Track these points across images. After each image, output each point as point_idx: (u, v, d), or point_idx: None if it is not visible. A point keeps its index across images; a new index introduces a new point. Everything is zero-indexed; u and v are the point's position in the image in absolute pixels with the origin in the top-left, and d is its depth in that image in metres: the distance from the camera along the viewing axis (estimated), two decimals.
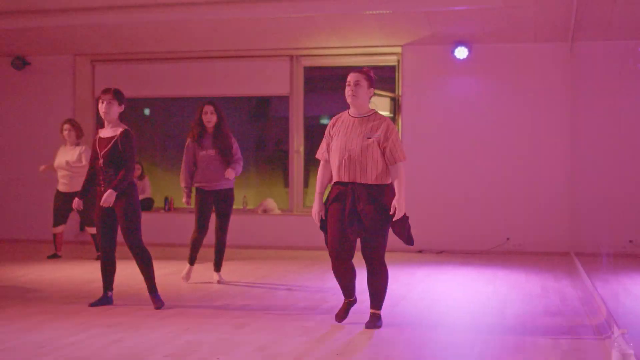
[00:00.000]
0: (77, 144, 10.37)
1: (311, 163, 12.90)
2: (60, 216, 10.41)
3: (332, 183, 5.89)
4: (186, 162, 8.09)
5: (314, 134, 12.98)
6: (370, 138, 5.79)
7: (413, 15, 10.63)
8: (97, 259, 10.29)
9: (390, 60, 12.30)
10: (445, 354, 5.19)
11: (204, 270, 8.91)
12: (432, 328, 6.02)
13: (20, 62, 12.90)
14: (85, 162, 10.09)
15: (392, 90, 12.23)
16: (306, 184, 12.64)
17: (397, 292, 7.68)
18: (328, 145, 5.99)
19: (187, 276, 8.33)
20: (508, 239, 11.38)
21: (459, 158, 11.55)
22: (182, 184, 8.11)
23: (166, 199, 12.96)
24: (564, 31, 10.81)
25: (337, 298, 7.29)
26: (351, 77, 5.91)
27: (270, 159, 13.29)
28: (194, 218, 8.15)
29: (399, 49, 11.91)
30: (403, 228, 5.87)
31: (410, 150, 11.69)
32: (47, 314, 6.50)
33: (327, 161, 6.00)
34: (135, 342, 5.42)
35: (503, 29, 10.96)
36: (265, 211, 12.28)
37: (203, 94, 12.51)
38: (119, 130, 6.76)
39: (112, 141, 6.71)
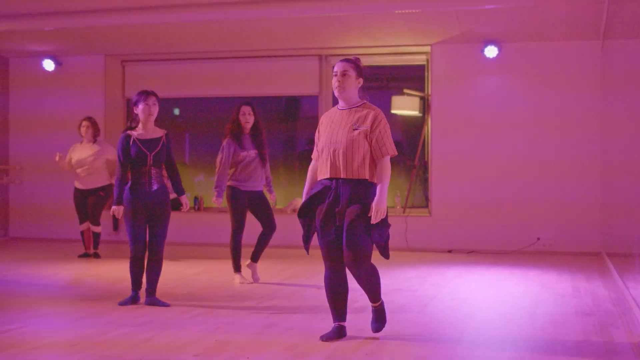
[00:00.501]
0: (94, 142, 10.50)
1: None
2: (82, 213, 10.54)
3: (318, 180, 5.44)
4: (225, 162, 8.06)
5: None
6: (356, 130, 5.29)
7: (442, 14, 10.59)
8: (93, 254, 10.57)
9: (420, 60, 12.27)
10: (476, 354, 5.16)
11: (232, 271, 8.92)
12: (462, 328, 5.98)
13: (53, 63, 13.03)
14: (101, 160, 10.23)
15: (421, 89, 12.20)
16: None
17: (427, 292, 7.66)
18: (317, 143, 5.54)
19: (244, 279, 8.27)
20: (538, 238, 11.30)
21: (489, 157, 11.49)
22: (218, 183, 8.07)
23: (196, 198, 13.01)
24: (595, 29, 10.71)
25: (367, 298, 7.28)
26: (338, 67, 5.43)
27: (299, 158, 13.30)
28: (230, 218, 8.13)
29: (428, 48, 11.88)
30: (381, 236, 5.29)
31: (439, 150, 11.68)
32: (79, 313, 6.55)
33: (316, 160, 5.53)
34: (165, 340, 5.44)
35: (533, 27, 10.89)
36: (294, 210, 12.29)
37: (232, 94, 12.56)
38: (162, 131, 6.96)
39: (161, 142, 6.90)
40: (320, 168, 5.41)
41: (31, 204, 13.19)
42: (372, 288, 5.58)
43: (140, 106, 6.87)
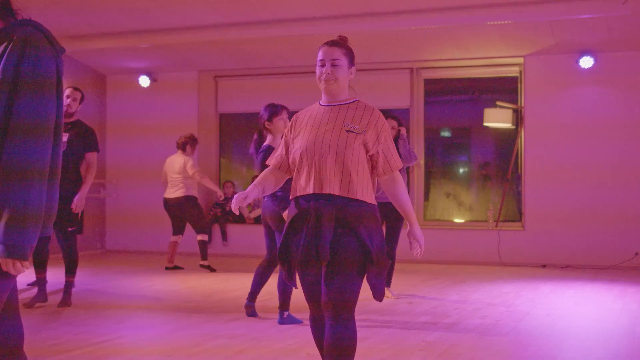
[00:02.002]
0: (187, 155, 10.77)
1: (431, 175, 12.82)
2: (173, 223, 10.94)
3: (292, 197, 4.02)
4: None
5: (435, 146, 12.90)
6: (351, 132, 3.93)
7: (536, 25, 10.43)
8: (201, 266, 10.75)
9: (512, 71, 12.11)
10: None
11: None
12: (558, 345, 5.86)
13: (148, 79, 13.33)
14: (190, 172, 10.56)
15: (515, 101, 12.03)
16: (427, 196, 12.55)
17: (521, 308, 7.53)
18: (287, 148, 4.12)
19: (393, 295, 8.31)
20: (637, 253, 10.98)
21: (584, 169, 11.23)
22: None
23: None
24: None
25: (459, 313, 7.21)
26: (326, 54, 4.04)
27: None
28: None
29: (521, 60, 11.72)
30: (379, 278, 3.88)
31: (533, 163, 11.48)
32: (174, 323, 6.65)
33: (278, 168, 4.12)
34: (257, 354, 5.48)
35: (630, 37, 10.63)
36: None
37: None
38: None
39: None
40: (297, 182, 3.97)
41: (127, 216, 13.49)
42: (346, 356, 3.85)
43: (280, 118, 6.80)
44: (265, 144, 6.80)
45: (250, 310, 6.98)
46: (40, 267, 7.56)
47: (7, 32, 2.84)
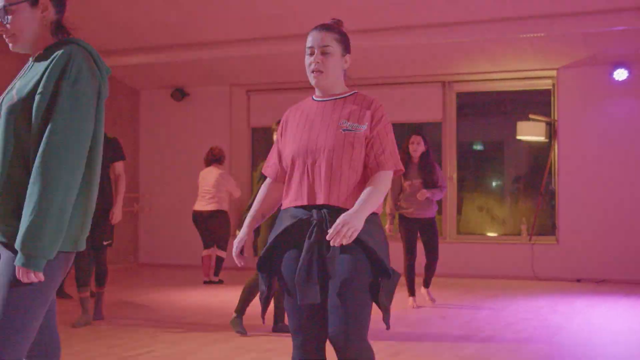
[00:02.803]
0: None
1: (464, 189, 12.75)
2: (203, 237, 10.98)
3: (284, 208, 3.45)
4: (392, 190, 8.31)
5: (467, 160, 12.83)
6: (348, 130, 3.34)
7: (569, 37, 10.36)
8: (211, 282, 10.83)
9: (546, 84, 12.03)
10: None
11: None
12: None
13: (180, 94, 13.42)
14: (222, 186, 10.64)
15: (548, 114, 11.94)
16: (459, 210, 12.48)
17: (555, 322, 7.46)
18: (280, 154, 3.56)
19: (415, 304, 8.44)
20: None
21: (620, 183, 11.11)
22: (387, 211, 8.41)
23: None
24: None
25: (493, 327, 7.15)
26: (315, 40, 3.45)
27: None
28: (402, 245, 8.39)
29: (554, 72, 11.64)
30: (388, 296, 3.35)
31: (567, 176, 11.38)
32: (206, 338, 6.66)
33: (275, 179, 3.56)
34: None
35: None
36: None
37: None
38: None
39: None
40: (288, 190, 3.42)
41: (160, 230, 13.55)
42: None
43: (274, 135, 6.92)
44: None
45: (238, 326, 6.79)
46: (86, 285, 7.32)
47: (54, 49, 2.92)
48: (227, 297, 9.44)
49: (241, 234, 3.48)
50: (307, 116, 3.46)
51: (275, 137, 6.32)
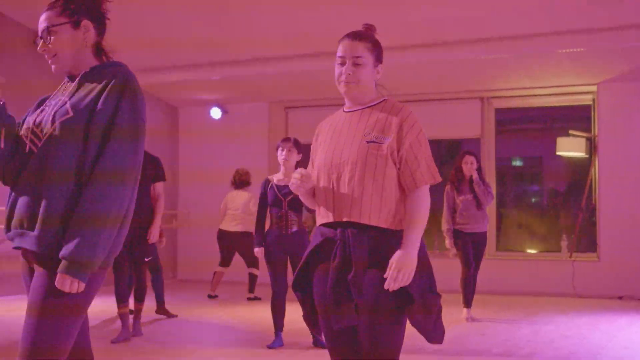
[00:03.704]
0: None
1: (503, 206, 12.66)
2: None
3: (317, 225, 3.31)
4: (448, 207, 8.73)
5: (506, 176, 12.75)
6: (373, 142, 3.13)
7: (609, 52, 10.27)
8: (248, 299, 10.86)
9: (585, 100, 11.92)
10: None
11: None
12: None
13: (220, 111, 13.50)
14: (250, 209, 10.70)
15: (588, 130, 11.84)
16: (498, 226, 12.38)
17: (597, 341, 7.36)
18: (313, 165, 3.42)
19: (469, 317, 8.72)
20: None
21: None
22: (445, 227, 8.72)
23: None
24: None
25: (533, 346, 7.07)
26: (347, 50, 3.32)
27: None
28: (460, 259, 8.72)
29: (594, 88, 11.54)
30: (429, 313, 3.10)
31: (608, 192, 11.26)
32: (243, 355, 6.66)
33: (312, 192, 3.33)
34: None
35: None
36: (455, 255, 12.12)
37: None
38: None
39: None
40: (318, 207, 3.27)
41: (198, 247, 13.61)
42: None
43: (278, 152, 7.14)
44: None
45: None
46: (125, 301, 7.30)
47: (102, 70, 3.01)
48: (267, 313, 9.43)
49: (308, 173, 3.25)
50: (335, 128, 3.30)
51: None
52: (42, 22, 2.99)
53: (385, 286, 2.97)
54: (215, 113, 13.52)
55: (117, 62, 3.07)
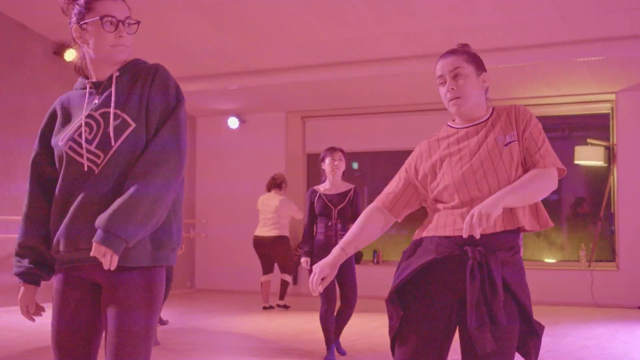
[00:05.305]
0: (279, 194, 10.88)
1: None
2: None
3: (423, 236, 3.04)
4: None
5: None
6: (508, 144, 2.99)
7: (628, 60, 10.23)
8: (277, 306, 10.87)
9: (604, 108, 11.88)
10: None
11: None
12: None
13: (237, 120, 13.54)
14: (284, 212, 10.66)
15: (607, 139, 11.78)
16: None
17: (617, 351, 7.31)
18: (407, 186, 3.20)
19: None
20: None
21: None
22: None
23: (375, 251, 13.05)
24: None
25: (552, 356, 7.04)
26: (443, 67, 3.14)
27: None
28: None
29: (612, 96, 11.49)
30: (536, 352, 2.99)
31: (627, 201, 11.19)
32: None
33: (390, 209, 3.18)
34: None
35: None
36: None
37: (409, 147, 12.56)
38: (350, 186, 7.05)
39: (347, 197, 6.97)
40: (428, 224, 3.06)
41: (216, 256, 13.64)
42: None
43: (327, 161, 7.01)
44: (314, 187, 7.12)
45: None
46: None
47: (131, 69, 2.93)
48: (284, 322, 9.44)
49: (324, 265, 3.08)
50: (453, 146, 3.09)
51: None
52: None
53: (464, 235, 2.76)
54: (233, 123, 13.56)
55: (138, 59, 2.99)
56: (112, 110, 2.83)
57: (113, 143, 2.78)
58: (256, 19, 9.89)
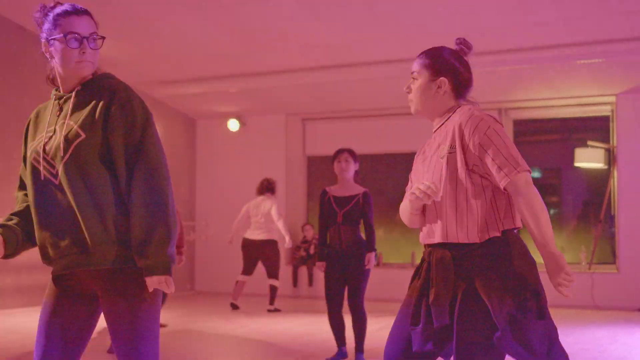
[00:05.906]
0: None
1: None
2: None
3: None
4: None
5: None
6: (445, 155, 2.98)
7: (628, 63, 10.23)
8: (268, 311, 10.80)
9: (604, 110, 11.88)
10: None
11: None
12: None
13: (238, 123, 13.54)
14: (277, 218, 10.63)
15: (607, 141, 11.78)
16: None
17: (617, 353, 7.30)
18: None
19: None
20: None
21: None
22: None
23: (376, 254, 13.04)
24: None
25: None
26: (411, 67, 3.27)
27: None
28: None
29: (612, 98, 11.49)
30: (542, 340, 3.08)
31: (627, 203, 11.19)
32: None
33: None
34: None
35: None
36: None
37: (409, 150, 12.57)
38: (361, 190, 6.79)
39: (354, 200, 6.73)
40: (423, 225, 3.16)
41: (216, 258, 13.63)
42: None
43: (335, 163, 6.85)
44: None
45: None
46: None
47: (97, 82, 2.98)
48: (284, 325, 9.43)
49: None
50: (424, 149, 3.20)
51: None
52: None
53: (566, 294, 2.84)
54: (233, 125, 13.56)
55: (107, 74, 3.04)
56: (66, 121, 2.91)
57: (62, 153, 2.85)
58: (256, 22, 9.89)
